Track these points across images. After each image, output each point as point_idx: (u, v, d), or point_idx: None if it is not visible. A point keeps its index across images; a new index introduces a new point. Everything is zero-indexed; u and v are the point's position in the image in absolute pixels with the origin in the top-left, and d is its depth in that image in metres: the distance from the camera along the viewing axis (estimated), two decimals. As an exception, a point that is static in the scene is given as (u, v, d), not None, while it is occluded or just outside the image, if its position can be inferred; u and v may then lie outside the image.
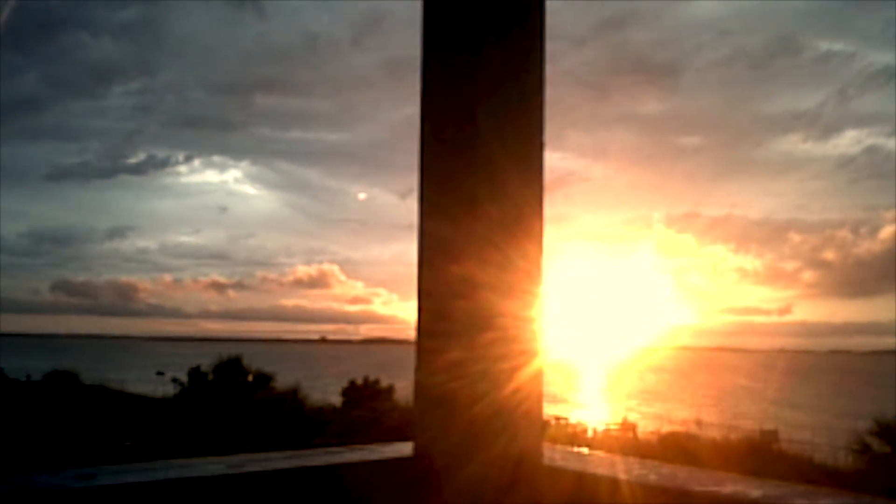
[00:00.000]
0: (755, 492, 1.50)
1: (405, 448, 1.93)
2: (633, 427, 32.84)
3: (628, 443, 26.60)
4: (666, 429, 32.34)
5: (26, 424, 21.68)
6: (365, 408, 28.50)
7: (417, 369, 1.89)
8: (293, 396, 29.03)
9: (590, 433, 29.74)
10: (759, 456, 19.66)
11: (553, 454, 1.86)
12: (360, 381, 30.96)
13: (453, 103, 1.86)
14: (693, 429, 33.25)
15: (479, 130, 1.79)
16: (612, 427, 33.30)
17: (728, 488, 1.54)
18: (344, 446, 1.95)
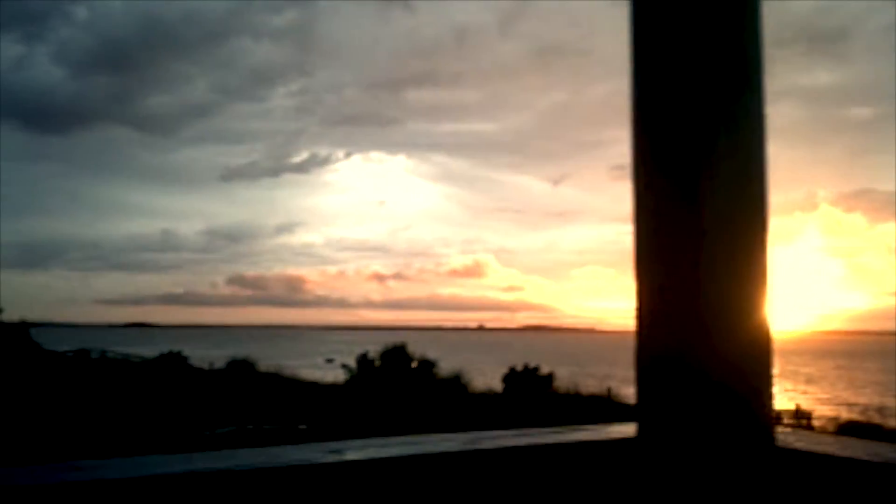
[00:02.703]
0: None
1: (628, 429, 1.92)
2: (807, 414, 31.07)
3: (804, 431, 25.19)
4: (844, 416, 30.44)
5: (212, 409, 23.27)
6: (527, 393, 28.60)
7: (638, 352, 1.88)
8: (456, 382, 29.60)
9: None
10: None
11: (787, 437, 1.80)
12: (520, 368, 31.07)
13: (667, 97, 1.82)
14: (874, 416, 31.09)
15: (695, 126, 1.75)
16: (784, 414, 31.68)
17: None
18: (568, 426, 1.98)
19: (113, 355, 45.33)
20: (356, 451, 1.65)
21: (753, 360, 1.76)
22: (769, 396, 1.80)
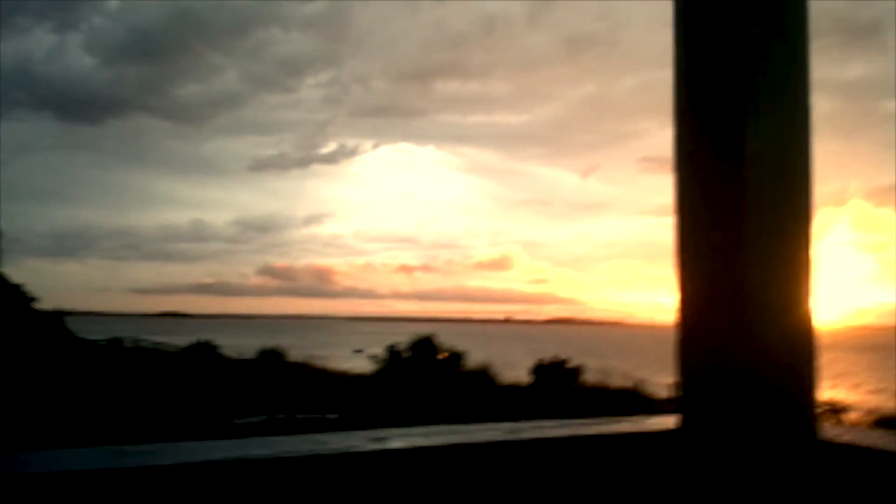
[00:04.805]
0: None
1: (670, 421, 1.93)
2: (841, 409, 30.56)
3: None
4: (875, 413, 29.94)
5: (243, 399, 23.52)
6: (555, 386, 28.59)
7: (681, 344, 1.88)
8: (484, 374, 29.65)
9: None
10: None
11: (830, 430, 1.79)
12: (548, 360, 31.04)
13: (715, 92, 1.81)
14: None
15: (739, 115, 1.75)
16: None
17: None
18: (609, 417, 1.99)
19: (146, 344, 45.92)
20: (399, 439, 1.68)
21: (797, 352, 1.76)
22: (813, 389, 1.79)
